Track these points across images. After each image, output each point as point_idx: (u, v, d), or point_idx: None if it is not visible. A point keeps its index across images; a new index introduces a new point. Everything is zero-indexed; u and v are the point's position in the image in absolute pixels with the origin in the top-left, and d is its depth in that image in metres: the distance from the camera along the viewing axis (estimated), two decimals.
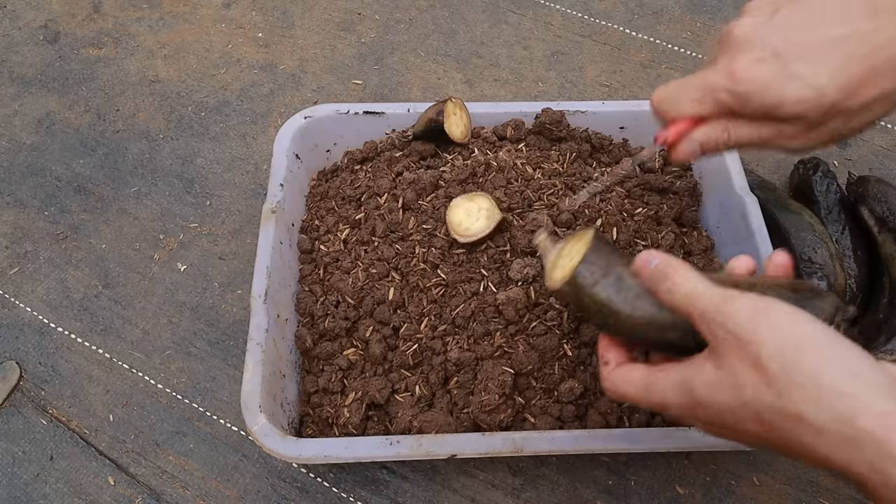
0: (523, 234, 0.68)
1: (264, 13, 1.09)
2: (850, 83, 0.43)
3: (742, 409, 0.38)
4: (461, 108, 0.77)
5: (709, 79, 0.47)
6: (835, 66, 0.43)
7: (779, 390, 0.36)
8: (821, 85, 0.43)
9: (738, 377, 0.38)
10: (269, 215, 0.70)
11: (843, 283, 0.72)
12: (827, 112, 0.44)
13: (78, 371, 0.76)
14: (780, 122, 0.46)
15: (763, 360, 0.36)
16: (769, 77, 0.44)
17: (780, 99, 0.44)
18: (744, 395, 0.37)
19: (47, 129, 0.96)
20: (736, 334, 0.38)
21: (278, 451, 0.57)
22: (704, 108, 0.48)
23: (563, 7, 1.09)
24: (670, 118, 0.50)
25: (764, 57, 0.45)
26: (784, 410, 0.36)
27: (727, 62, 0.46)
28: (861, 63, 0.43)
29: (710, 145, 0.49)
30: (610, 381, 0.46)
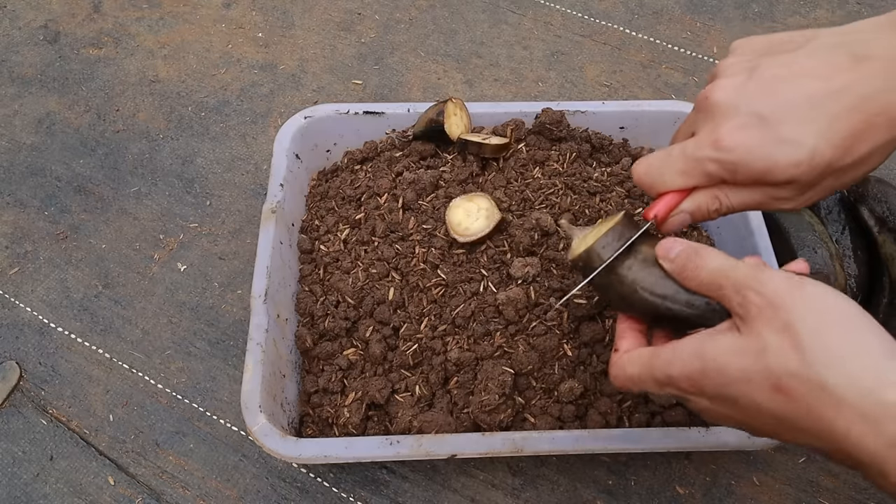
0: (523, 233, 0.68)
1: (264, 13, 1.09)
2: (842, 141, 0.41)
3: (759, 375, 0.37)
4: (461, 109, 0.77)
5: (693, 150, 0.45)
6: (824, 124, 0.41)
7: (805, 356, 0.35)
8: (812, 146, 0.41)
9: (763, 341, 0.37)
10: (269, 215, 0.70)
11: (843, 283, 0.72)
12: (822, 173, 0.42)
13: (78, 371, 0.76)
14: (773, 187, 0.44)
15: (795, 325, 0.36)
16: (757, 143, 0.42)
17: (771, 165, 0.42)
18: (765, 359, 0.36)
19: (47, 129, 0.96)
20: (770, 298, 0.37)
21: (278, 451, 0.57)
22: (692, 181, 0.46)
23: (563, 7, 1.09)
24: (656, 192, 0.48)
25: (748, 122, 0.43)
26: (807, 377, 0.35)
27: (710, 131, 0.44)
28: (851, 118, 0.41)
29: (701, 214, 0.48)
30: (618, 366, 0.46)
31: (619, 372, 0.45)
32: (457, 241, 0.69)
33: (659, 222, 0.48)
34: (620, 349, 0.47)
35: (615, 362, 0.46)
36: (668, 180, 0.47)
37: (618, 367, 0.46)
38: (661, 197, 0.48)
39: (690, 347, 0.41)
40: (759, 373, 0.37)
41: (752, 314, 0.38)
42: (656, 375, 0.42)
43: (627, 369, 0.45)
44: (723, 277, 0.41)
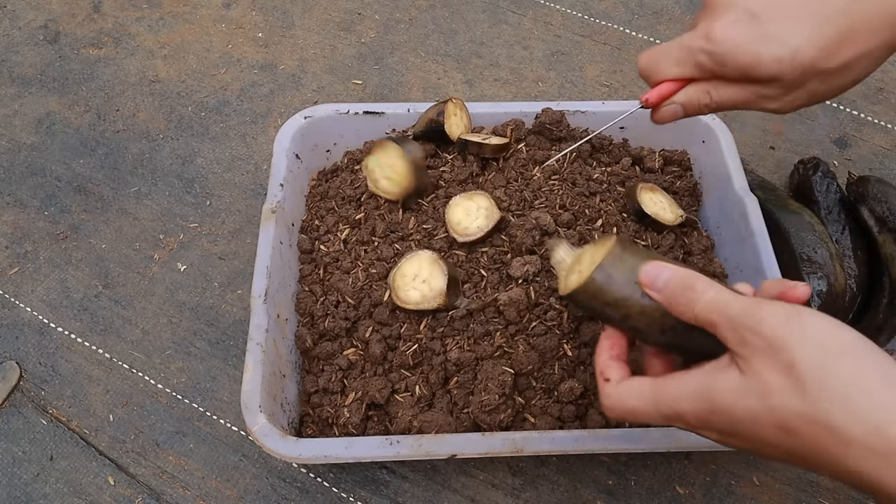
0: (523, 233, 0.68)
1: (264, 13, 1.09)
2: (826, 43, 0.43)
3: (765, 417, 0.36)
4: (461, 109, 0.77)
5: (688, 41, 0.48)
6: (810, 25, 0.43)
7: (809, 396, 0.34)
8: (796, 45, 0.43)
9: (766, 382, 0.36)
10: (269, 215, 0.70)
11: (843, 283, 0.72)
12: (804, 72, 0.44)
13: (78, 371, 0.76)
14: (759, 84, 0.46)
15: (796, 365, 0.35)
16: (745, 38, 0.45)
17: (756, 59, 0.45)
18: (770, 400, 0.36)
19: (47, 129, 0.96)
20: (768, 338, 0.36)
21: (278, 451, 0.57)
22: (685, 70, 0.49)
23: (563, 7, 1.09)
24: (654, 81, 0.50)
25: (740, 18, 0.45)
26: (813, 417, 0.34)
27: (706, 25, 0.47)
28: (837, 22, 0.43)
29: (692, 107, 0.50)
30: (615, 397, 0.44)
31: (615, 404, 0.44)
32: (456, 240, 0.69)
33: (650, 106, 0.51)
34: (612, 379, 0.45)
35: (609, 394, 0.44)
36: (664, 69, 0.49)
37: (614, 399, 0.44)
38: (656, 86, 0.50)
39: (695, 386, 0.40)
40: (764, 414, 0.36)
41: (753, 355, 0.37)
42: (663, 411, 0.41)
43: (628, 402, 0.43)
44: (716, 313, 0.39)
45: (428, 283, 0.64)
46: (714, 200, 0.77)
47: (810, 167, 0.84)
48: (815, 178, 0.82)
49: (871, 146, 0.93)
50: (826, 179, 0.82)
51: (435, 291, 0.64)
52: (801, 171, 0.85)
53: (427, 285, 0.64)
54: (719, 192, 0.75)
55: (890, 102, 0.97)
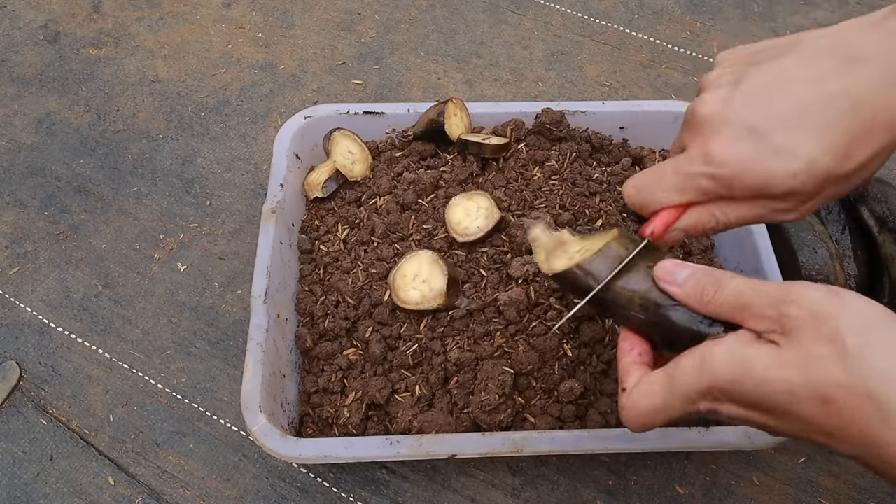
0: (523, 233, 0.68)
1: (264, 13, 1.09)
2: (840, 147, 0.40)
3: (805, 388, 0.35)
4: (461, 109, 0.77)
5: (685, 167, 0.43)
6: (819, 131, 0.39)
7: (853, 366, 0.34)
8: (809, 155, 0.40)
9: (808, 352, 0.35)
10: (269, 215, 0.70)
11: (843, 283, 0.72)
12: (822, 181, 0.41)
13: (78, 371, 0.76)
14: (773, 200, 0.43)
15: (840, 335, 0.35)
16: (750, 156, 0.41)
17: (767, 178, 0.41)
18: (811, 369, 0.35)
19: (47, 129, 0.96)
20: (812, 310, 0.36)
21: (278, 451, 0.57)
22: (686, 197, 0.44)
23: (563, 7, 1.09)
24: (649, 211, 0.47)
25: (739, 134, 0.41)
26: (854, 388, 0.34)
27: (700, 145, 0.43)
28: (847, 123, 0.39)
29: (698, 232, 0.46)
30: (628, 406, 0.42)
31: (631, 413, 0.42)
32: (456, 240, 0.69)
33: (656, 240, 0.47)
34: (628, 386, 0.43)
35: (625, 403, 0.42)
36: (662, 198, 0.45)
37: (629, 407, 0.42)
38: (655, 214, 0.46)
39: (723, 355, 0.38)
40: (804, 385, 0.36)
41: (795, 327, 0.36)
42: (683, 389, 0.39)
43: (641, 402, 0.41)
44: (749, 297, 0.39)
45: (428, 283, 0.64)
46: None
47: None
48: None
49: None
50: None
51: (435, 291, 0.64)
52: None
53: (427, 285, 0.64)
54: None
55: None
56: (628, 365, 0.44)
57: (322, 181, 0.74)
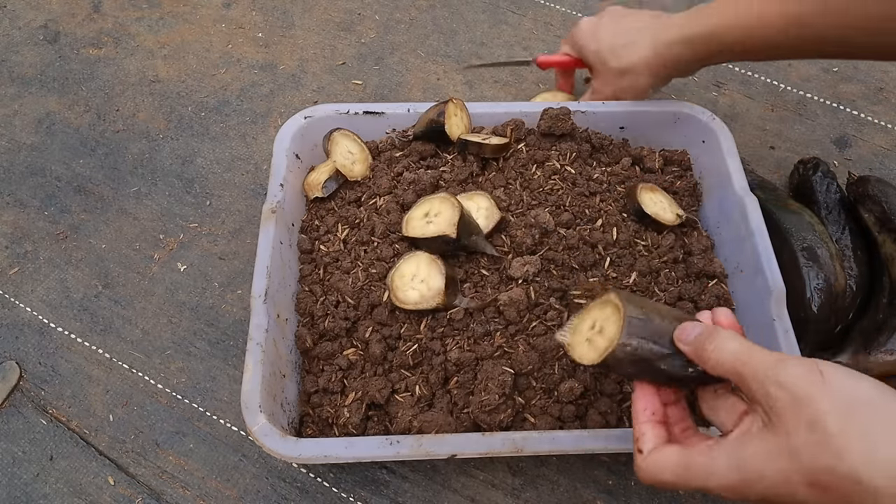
0: (523, 232, 0.68)
1: (264, 13, 1.09)
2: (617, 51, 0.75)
3: (797, 475, 0.37)
4: (462, 109, 0.77)
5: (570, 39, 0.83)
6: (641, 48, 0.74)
7: (836, 451, 0.35)
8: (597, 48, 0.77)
9: (793, 440, 0.37)
10: (269, 215, 0.70)
11: (843, 283, 0.72)
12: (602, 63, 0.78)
13: (78, 371, 0.76)
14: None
15: (821, 419, 0.36)
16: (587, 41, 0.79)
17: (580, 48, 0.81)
18: (800, 458, 0.37)
19: (47, 129, 0.96)
20: (793, 392, 0.37)
21: (278, 451, 0.57)
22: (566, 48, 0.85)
23: (563, 7, 1.09)
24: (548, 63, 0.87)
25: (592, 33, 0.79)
26: (841, 472, 0.35)
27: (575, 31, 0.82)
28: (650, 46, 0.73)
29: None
30: (645, 470, 0.45)
31: (646, 476, 0.45)
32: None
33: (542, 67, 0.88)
34: (644, 450, 0.46)
35: (642, 466, 0.45)
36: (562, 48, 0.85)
37: (646, 473, 0.45)
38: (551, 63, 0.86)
39: (725, 459, 0.41)
40: (795, 472, 0.37)
41: (778, 410, 0.38)
42: (694, 485, 0.42)
43: (659, 477, 0.44)
44: (741, 365, 0.41)
45: (426, 282, 0.64)
46: (714, 200, 0.77)
47: (810, 167, 0.84)
48: (816, 178, 0.82)
49: (871, 146, 0.93)
50: (826, 179, 0.82)
51: (433, 291, 0.64)
52: (801, 171, 0.85)
53: (425, 285, 0.64)
54: (719, 192, 0.75)
55: (890, 102, 0.97)
56: (643, 426, 0.47)
57: (322, 181, 0.74)
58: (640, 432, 0.47)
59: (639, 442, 0.47)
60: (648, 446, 0.46)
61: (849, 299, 0.73)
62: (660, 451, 0.45)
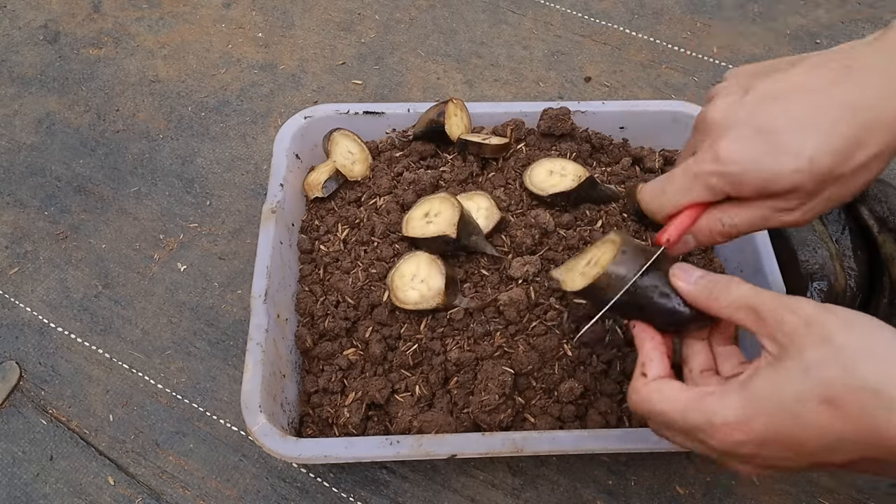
0: (523, 232, 0.68)
1: (264, 13, 1.09)
2: (841, 148, 0.42)
3: (810, 392, 0.37)
4: (462, 110, 0.77)
5: (695, 168, 0.46)
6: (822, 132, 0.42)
7: (849, 364, 0.36)
8: (811, 154, 0.42)
9: (805, 358, 0.37)
10: (269, 215, 0.70)
11: (843, 284, 0.72)
12: (823, 180, 0.43)
13: (78, 371, 0.76)
14: (776, 198, 0.45)
15: (833, 337, 0.37)
16: (758, 154, 0.43)
17: (772, 174, 0.43)
18: (811, 375, 0.37)
19: (47, 129, 0.96)
20: (805, 316, 0.38)
21: (278, 451, 0.57)
22: (695, 196, 0.47)
23: (563, 7, 1.09)
24: (663, 215, 0.49)
25: (747, 135, 0.44)
26: (855, 384, 0.35)
27: (709, 146, 0.45)
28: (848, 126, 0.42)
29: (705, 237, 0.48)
30: (643, 397, 0.44)
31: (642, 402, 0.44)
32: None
33: (672, 246, 0.49)
34: (649, 374, 0.44)
35: (642, 391, 0.44)
36: (672, 199, 0.48)
37: (642, 398, 0.44)
38: (670, 221, 0.48)
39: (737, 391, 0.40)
40: (808, 390, 0.37)
41: (789, 333, 0.39)
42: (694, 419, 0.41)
43: (656, 405, 0.43)
44: (754, 300, 0.41)
45: (426, 282, 0.64)
46: None
47: None
48: None
49: None
50: None
51: (433, 291, 0.64)
52: None
53: (425, 285, 0.64)
54: None
55: None
56: (651, 351, 0.46)
57: (322, 181, 0.74)
58: (647, 357, 0.45)
59: (644, 367, 0.45)
60: (654, 372, 0.44)
61: (849, 299, 0.73)
62: (665, 381, 0.43)
